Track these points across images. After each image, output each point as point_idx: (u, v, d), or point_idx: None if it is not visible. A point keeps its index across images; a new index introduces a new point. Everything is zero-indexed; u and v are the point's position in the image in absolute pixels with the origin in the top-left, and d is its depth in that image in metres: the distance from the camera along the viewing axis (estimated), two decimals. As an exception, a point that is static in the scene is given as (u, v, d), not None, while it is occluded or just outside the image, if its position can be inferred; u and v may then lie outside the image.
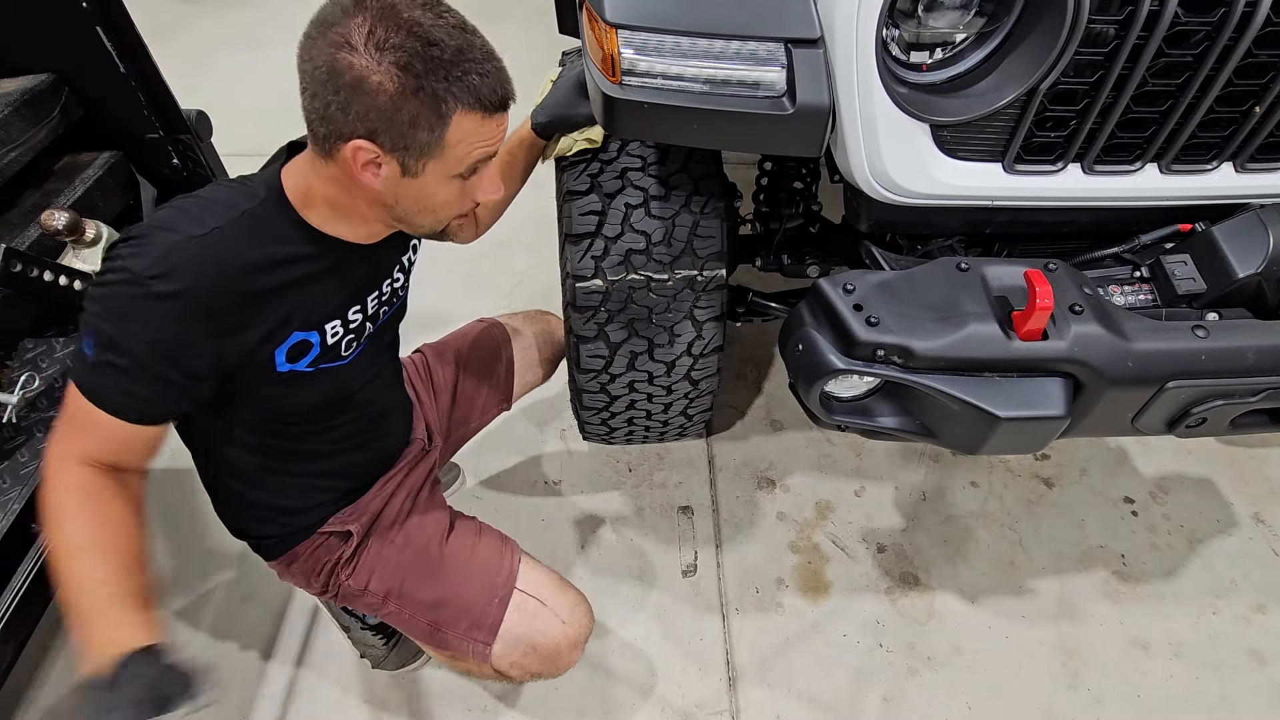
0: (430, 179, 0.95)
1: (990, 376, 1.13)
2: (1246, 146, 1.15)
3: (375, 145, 0.88)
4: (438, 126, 0.89)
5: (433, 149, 0.91)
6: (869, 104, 1.05)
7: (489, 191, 1.02)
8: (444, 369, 1.57)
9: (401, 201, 0.97)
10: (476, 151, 0.94)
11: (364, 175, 0.92)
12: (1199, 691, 1.63)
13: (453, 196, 0.99)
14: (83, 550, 0.93)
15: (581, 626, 1.29)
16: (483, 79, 0.89)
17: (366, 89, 0.84)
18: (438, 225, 1.05)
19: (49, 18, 1.58)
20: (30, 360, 1.50)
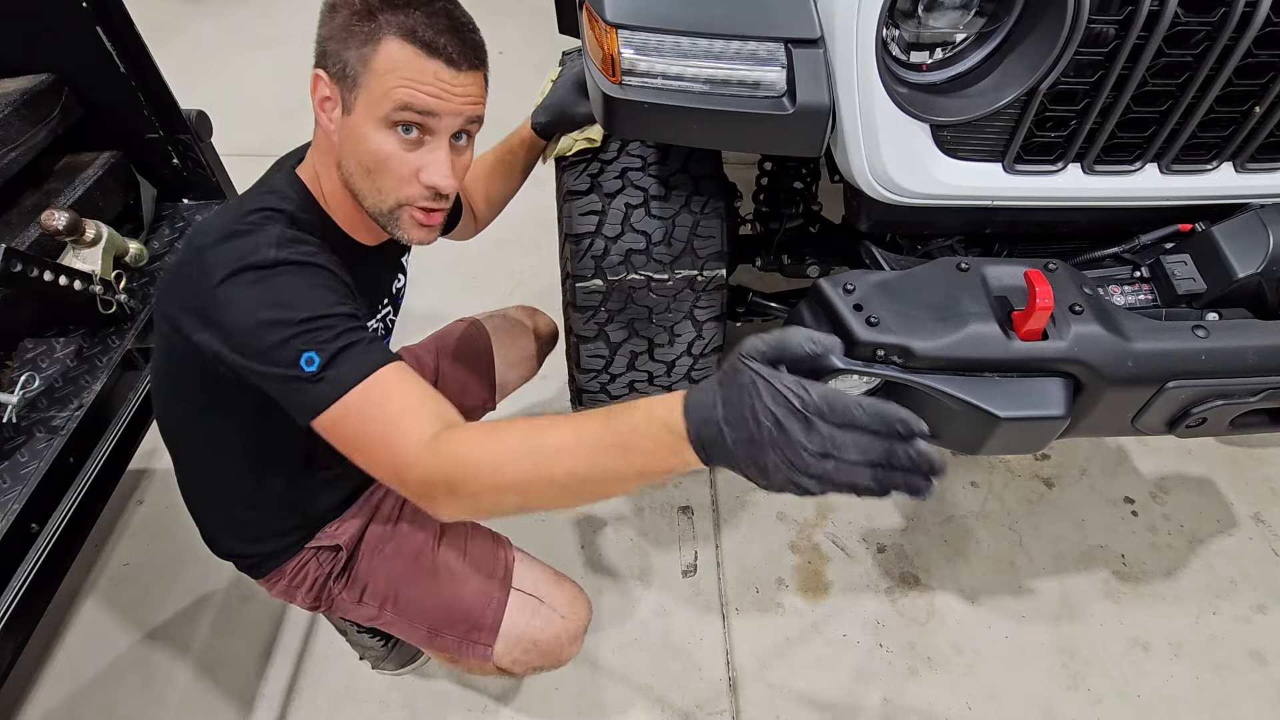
0: (360, 117, 0.90)
1: (990, 376, 1.13)
2: (1246, 146, 1.14)
3: (326, 73, 0.91)
4: (368, 47, 0.88)
5: (360, 75, 0.89)
6: (869, 104, 1.05)
7: (437, 173, 0.93)
8: (422, 371, 1.56)
9: (345, 153, 0.95)
10: (402, 89, 0.88)
11: (321, 116, 0.94)
12: (1199, 691, 1.63)
13: (385, 153, 0.91)
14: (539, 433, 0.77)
15: (580, 619, 1.29)
16: (429, 17, 0.88)
17: (332, 9, 0.90)
18: (380, 200, 0.95)
19: (49, 18, 1.58)
20: (30, 360, 1.50)
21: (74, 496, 1.34)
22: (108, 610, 1.76)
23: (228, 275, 0.86)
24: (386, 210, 0.97)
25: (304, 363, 0.83)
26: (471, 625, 1.25)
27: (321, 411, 0.84)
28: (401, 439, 0.82)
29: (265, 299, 0.85)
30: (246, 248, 0.89)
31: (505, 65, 3.62)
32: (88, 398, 1.43)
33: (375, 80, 0.88)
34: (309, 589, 1.26)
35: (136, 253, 1.67)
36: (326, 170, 1.00)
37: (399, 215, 0.97)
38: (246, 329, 0.85)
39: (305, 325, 0.84)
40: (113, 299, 1.53)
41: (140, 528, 1.92)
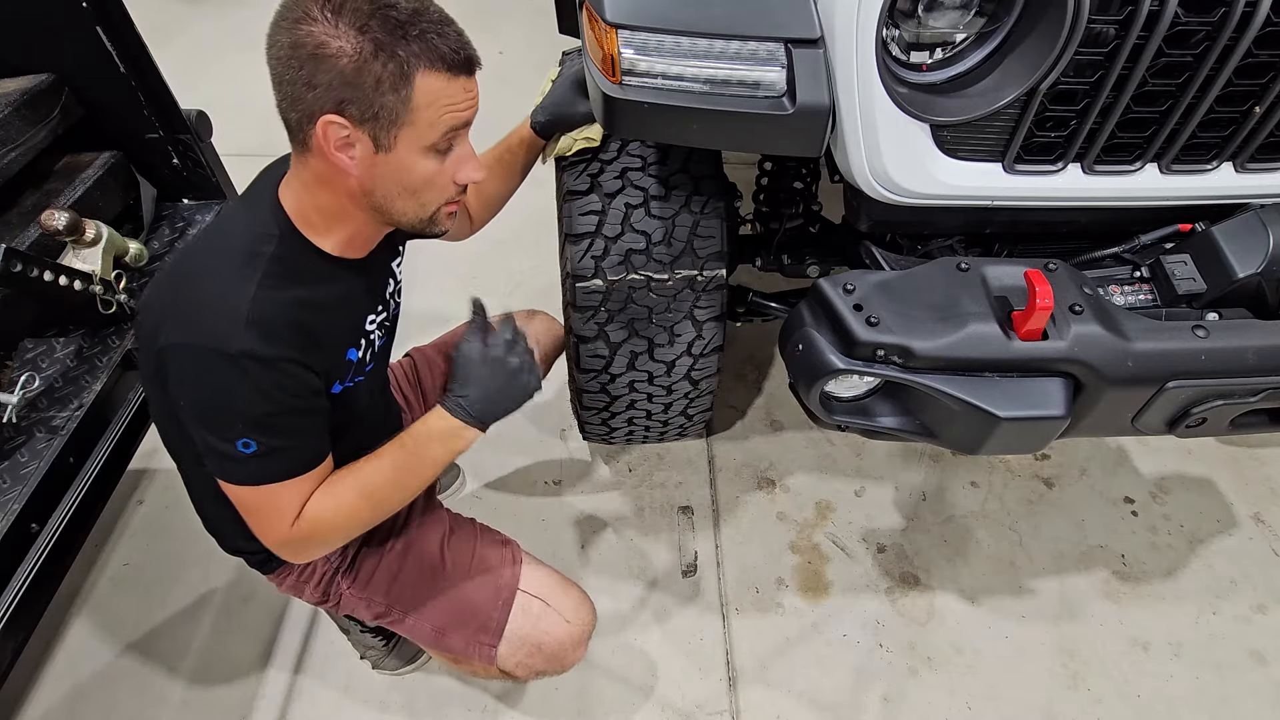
0: (404, 151, 0.92)
1: (990, 376, 1.13)
2: (1246, 146, 1.14)
3: (344, 118, 0.87)
4: (403, 87, 0.87)
5: (401, 114, 0.88)
6: (869, 104, 1.05)
7: (470, 171, 0.99)
8: (432, 374, 1.57)
9: (380, 184, 0.95)
10: (447, 116, 0.91)
11: (339, 158, 0.90)
12: (1199, 691, 1.63)
13: (431, 174, 0.96)
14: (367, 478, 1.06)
15: (585, 624, 1.30)
16: (442, 38, 0.87)
17: (328, 55, 0.84)
18: (423, 211, 1.01)
19: (49, 18, 1.58)
20: (30, 360, 1.50)
21: (74, 496, 1.34)
22: (108, 610, 1.76)
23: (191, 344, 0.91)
24: (427, 217, 1.02)
25: (240, 445, 0.94)
26: (477, 626, 1.25)
27: (238, 483, 0.98)
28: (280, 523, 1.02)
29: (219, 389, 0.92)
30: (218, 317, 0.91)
31: (505, 65, 3.62)
32: (88, 398, 1.43)
33: (419, 115, 0.89)
34: (317, 583, 1.27)
35: (136, 253, 1.67)
36: (326, 200, 0.98)
37: (437, 216, 1.03)
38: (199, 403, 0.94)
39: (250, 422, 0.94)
40: (113, 299, 1.53)
41: (140, 528, 1.92)
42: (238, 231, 0.99)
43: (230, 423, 0.93)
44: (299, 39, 0.84)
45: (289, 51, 0.85)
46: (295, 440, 0.99)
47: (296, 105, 0.88)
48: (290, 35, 0.84)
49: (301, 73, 0.85)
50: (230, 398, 0.92)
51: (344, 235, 1.03)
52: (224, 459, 0.96)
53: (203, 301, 0.93)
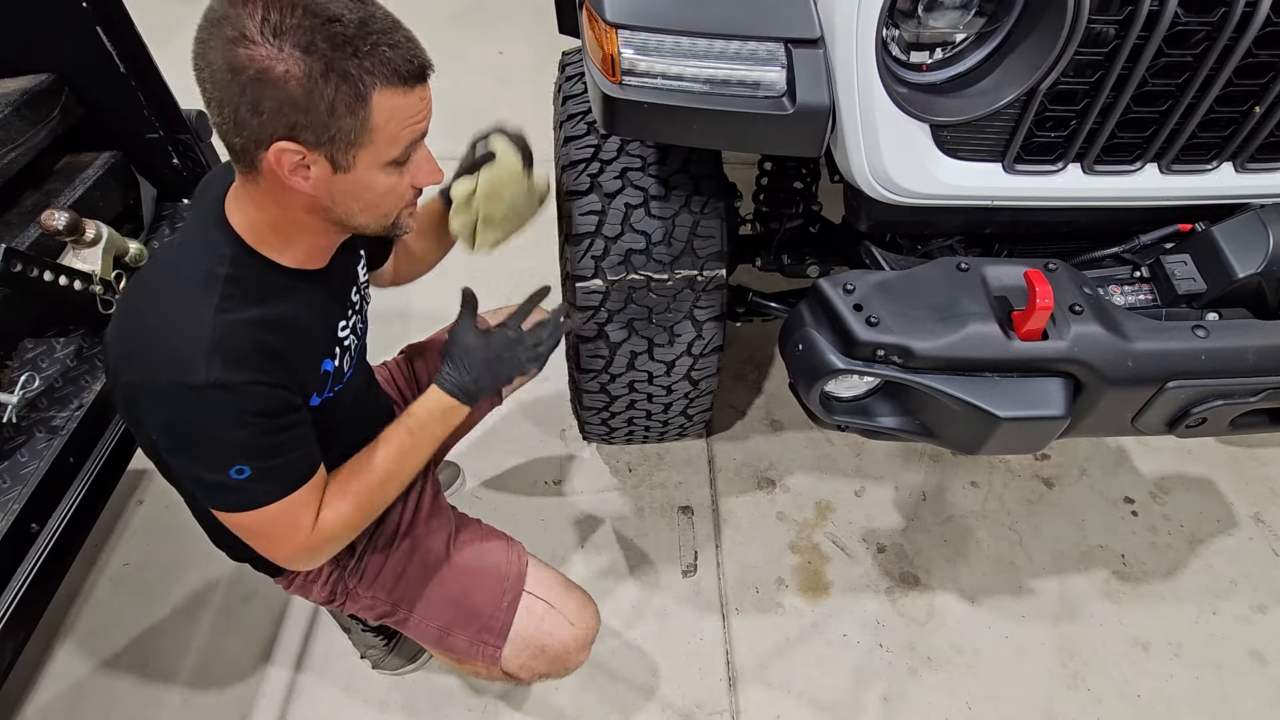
0: (364, 170, 0.88)
1: (990, 376, 1.13)
2: (1246, 146, 1.15)
3: (298, 144, 0.81)
4: (360, 109, 0.81)
5: (359, 135, 0.83)
6: (869, 104, 1.05)
7: (428, 175, 0.95)
8: (427, 368, 1.57)
9: (339, 201, 0.90)
10: (406, 131, 0.87)
11: (294, 180, 0.85)
12: (1199, 691, 1.63)
13: (392, 185, 0.92)
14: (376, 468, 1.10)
15: (589, 627, 1.29)
16: (394, 49, 0.81)
17: (273, 80, 0.77)
18: (385, 220, 0.97)
19: (49, 18, 1.58)
20: (30, 360, 1.50)
21: (74, 496, 1.34)
22: (108, 610, 1.76)
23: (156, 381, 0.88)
24: (390, 224, 0.99)
25: (234, 473, 0.92)
26: (481, 626, 1.25)
27: (240, 511, 0.96)
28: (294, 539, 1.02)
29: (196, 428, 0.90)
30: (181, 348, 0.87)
31: (505, 65, 3.62)
32: (88, 398, 1.43)
33: (378, 134, 0.85)
34: (324, 584, 1.26)
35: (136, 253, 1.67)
36: (280, 217, 0.94)
37: (399, 221, 1.00)
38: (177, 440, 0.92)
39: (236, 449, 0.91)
40: (113, 299, 1.53)
41: (140, 528, 1.92)
42: (188, 258, 0.95)
43: (217, 453, 0.91)
44: (237, 62, 0.77)
45: (227, 75, 0.78)
46: (286, 456, 0.96)
47: (241, 130, 0.82)
48: (226, 57, 0.77)
49: (244, 97, 0.79)
50: (208, 430, 0.89)
51: (302, 248, 0.98)
52: (219, 489, 0.93)
53: (160, 334, 0.89)
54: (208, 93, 0.81)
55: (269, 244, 0.96)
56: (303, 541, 1.01)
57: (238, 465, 0.91)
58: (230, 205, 0.96)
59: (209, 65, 0.79)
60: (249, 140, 0.83)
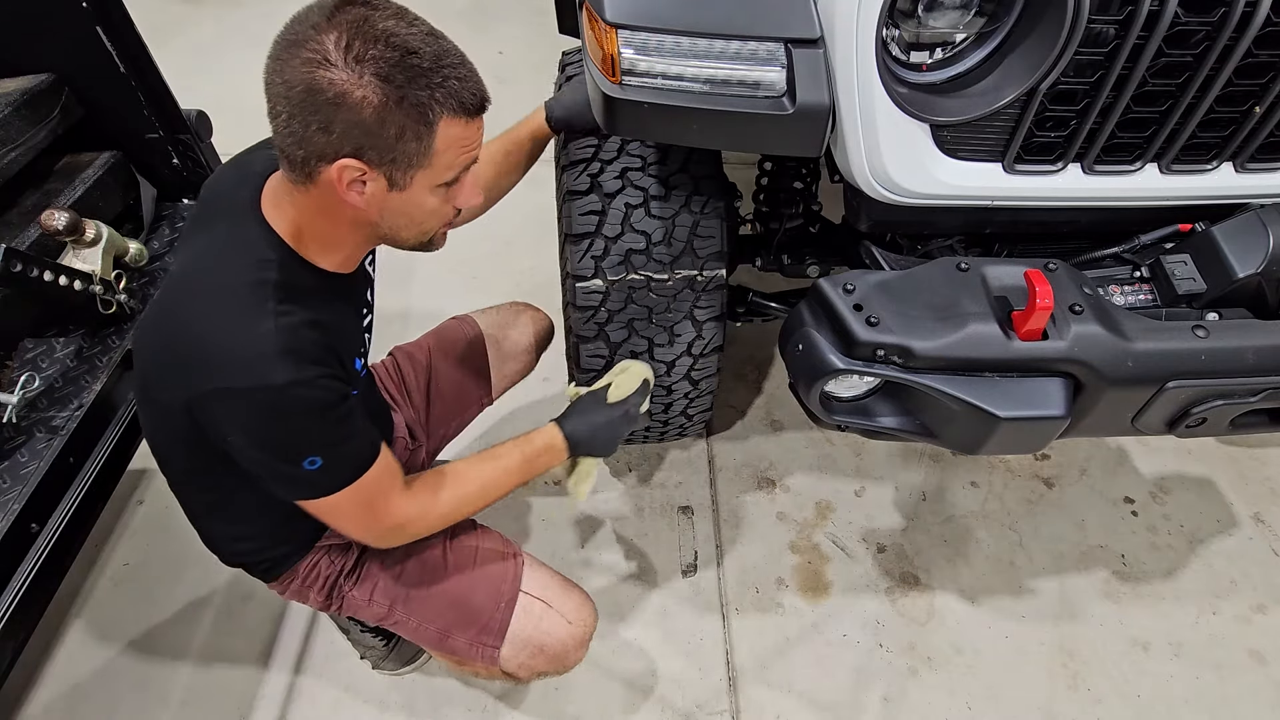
0: (418, 190, 0.93)
1: (990, 376, 1.13)
2: (1246, 146, 1.14)
3: (362, 162, 0.86)
4: (425, 136, 0.87)
5: (421, 159, 0.89)
6: (869, 104, 1.05)
7: (469, 197, 1.00)
8: (415, 370, 1.57)
9: (387, 217, 0.96)
10: (463, 157, 0.93)
11: (349, 195, 0.90)
12: (1199, 691, 1.63)
13: (437, 205, 0.97)
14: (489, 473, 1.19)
15: (587, 625, 1.30)
16: (462, 83, 0.87)
17: (349, 104, 0.82)
18: (424, 236, 1.03)
19: (49, 18, 1.58)
20: (30, 360, 1.50)
21: (74, 496, 1.34)
22: (108, 610, 1.76)
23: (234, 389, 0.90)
24: (428, 240, 1.04)
25: (306, 463, 0.96)
26: (480, 627, 1.25)
27: (318, 498, 1.02)
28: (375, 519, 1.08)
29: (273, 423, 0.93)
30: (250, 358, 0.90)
31: (505, 65, 3.62)
32: (88, 398, 1.43)
33: (438, 159, 0.90)
34: (321, 587, 1.26)
35: (136, 253, 1.67)
36: (326, 227, 0.98)
37: (436, 238, 1.05)
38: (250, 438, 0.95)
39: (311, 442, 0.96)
40: (113, 299, 1.53)
41: (140, 528, 1.92)
42: (232, 264, 0.96)
43: (294, 448, 0.95)
44: (317, 84, 0.81)
45: (304, 94, 0.82)
46: (353, 440, 1.01)
47: (306, 145, 0.86)
48: (305, 77, 0.81)
49: (317, 116, 0.83)
50: (285, 428, 0.94)
51: (341, 255, 1.03)
52: (296, 480, 0.98)
53: (225, 345, 0.91)
54: (279, 107, 0.85)
55: (311, 249, 1.00)
56: (385, 524, 1.08)
57: (310, 457, 0.95)
58: (270, 208, 0.98)
59: (286, 83, 0.83)
60: (312, 154, 0.87)
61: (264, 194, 0.99)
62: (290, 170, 0.91)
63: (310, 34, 0.82)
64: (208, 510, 1.18)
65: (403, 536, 1.15)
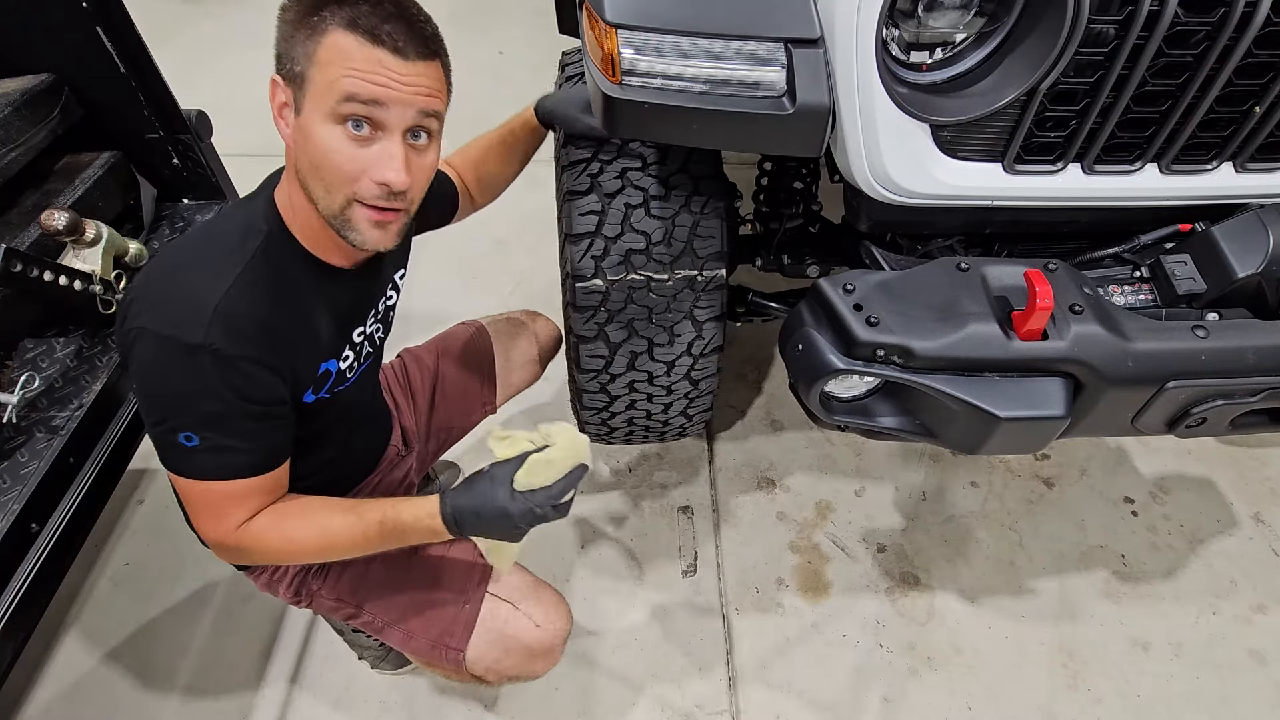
0: (308, 114, 0.88)
1: (990, 376, 1.13)
2: (1246, 146, 1.15)
3: (280, 75, 0.90)
4: (312, 42, 0.86)
5: (307, 71, 0.87)
6: (869, 104, 1.05)
7: (388, 168, 0.89)
8: (422, 374, 1.56)
9: (298, 151, 0.91)
10: (346, 80, 0.85)
11: (279, 125, 0.92)
12: (1199, 691, 1.63)
13: (332, 148, 0.88)
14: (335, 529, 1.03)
15: (556, 630, 1.24)
16: (373, 8, 0.85)
17: (281, 12, 0.88)
18: (330, 200, 0.91)
19: (49, 18, 1.58)
20: (30, 360, 1.50)
21: (74, 496, 1.34)
22: (108, 610, 1.76)
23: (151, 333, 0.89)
24: (337, 210, 0.92)
25: (183, 438, 0.92)
26: (443, 629, 1.22)
27: (177, 474, 0.97)
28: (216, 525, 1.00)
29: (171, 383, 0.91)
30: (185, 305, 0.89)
31: (505, 65, 3.62)
32: (88, 398, 1.43)
33: (320, 73, 0.86)
34: (289, 584, 1.25)
35: (136, 253, 1.67)
36: (292, 186, 0.96)
37: (350, 214, 0.93)
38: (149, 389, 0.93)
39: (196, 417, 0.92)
40: (113, 299, 1.53)
41: (140, 528, 1.92)
42: (229, 225, 0.98)
43: (176, 413, 0.91)
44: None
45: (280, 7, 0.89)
46: (242, 443, 0.95)
47: None
48: None
49: (277, 31, 0.89)
50: (179, 389, 0.90)
51: (313, 233, 0.99)
52: (166, 447, 0.95)
53: (176, 288, 0.91)
54: None
55: (300, 229, 0.99)
56: (222, 535, 1.00)
57: (187, 432, 0.92)
58: (279, 185, 1.00)
59: None
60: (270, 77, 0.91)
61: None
62: None
63: None
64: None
65: (229, 556, 1.07)
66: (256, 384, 0.93)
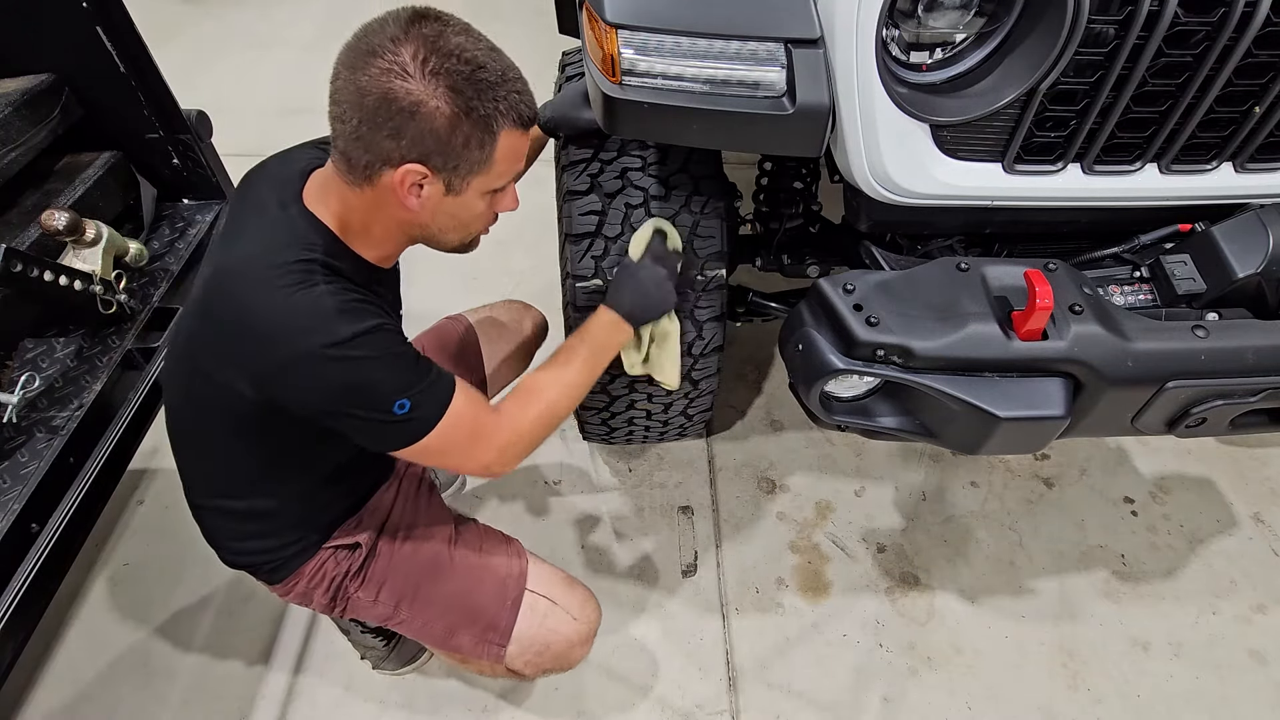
0: (470, 195, 0.99)
1: (990, 376, 1.13)
2: (1246, 146, 1.15)
3: (427, 168, 0.92)
4: (488, 144, 0.94)
5: (481, 166, 0.96)
6: (869, 104, 1.05)
7: (510, 204, 1.07)
8: None
9: (438, 219, 1.01)
10: (515, 166, 1.00)
11: (408, 199, 0.95)
12: (1199, 691, 1.63)
13: (484, 210, 1.04)
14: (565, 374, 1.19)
15: (591, 622, 1.31)
16: (521, 97, 0.95)
17: (423, 114, 0.88)
18: (466, 239, 1.09)
19: (49, 18, 1.58)
20: (30, 360, 1.50)
21: (74, 496, 1.34)
22: (108, 610, 1.76)
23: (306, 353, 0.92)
24: (467, 243, 1.10)
25: (396, 408, 0.97)
26: (486, 625, 1.26)
27: (413, 443, 1.02)
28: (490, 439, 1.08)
29: (351, 376, 0.95)
30: (313, 320, 0.93)
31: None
32: (88, 398, 1.43)
33: (495, 167, 0.97)
34: (326, 589, 1.26)
35: (136, 253, 1.67)
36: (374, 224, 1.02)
37: (475, 240, 1.11)
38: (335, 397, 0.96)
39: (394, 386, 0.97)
40: (113, 299, 1.53)
41: (140, 528, 1.92)
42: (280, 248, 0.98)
43: (379, 396, 0.96)
44: (394, 93, 0.87)
45: (378, 103, 0.87)
46: (430, 374, 1.02)
47: (373, 149, 0.91)
48: (383, 87, 0.87)
49: (390, 123, 0.88)
50: (364, 378, 0.95)
51: (383, 251, 1.07)
52: (393, 427, 0.99)
53: (288, 316, 0.93)
54: (349, 112, 0.90)
55: (355, 240, 1.03)
56: (501, 440, 1.09)
57: (399, 401, 0.97)
58: (315, 201, 1.02)
59: (359, 89, 0.88)
60: (377, 158, 0.92)
61: (307, 189, 1.03)
62: (349, 171, 0.96)
63: (388, 45, 0.87)
64: (220, 509, 1.19)
65: (509, 457, 1.13)
66: (397, 338, 1.00)
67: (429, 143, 0.90)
